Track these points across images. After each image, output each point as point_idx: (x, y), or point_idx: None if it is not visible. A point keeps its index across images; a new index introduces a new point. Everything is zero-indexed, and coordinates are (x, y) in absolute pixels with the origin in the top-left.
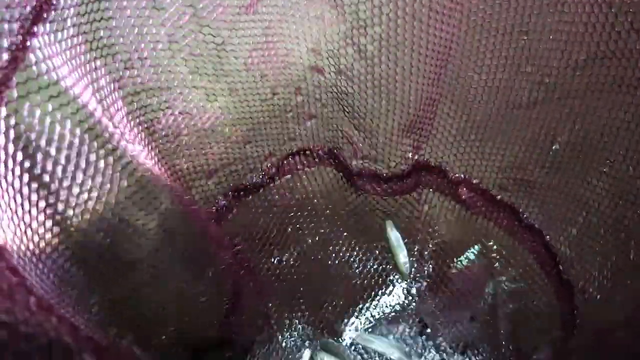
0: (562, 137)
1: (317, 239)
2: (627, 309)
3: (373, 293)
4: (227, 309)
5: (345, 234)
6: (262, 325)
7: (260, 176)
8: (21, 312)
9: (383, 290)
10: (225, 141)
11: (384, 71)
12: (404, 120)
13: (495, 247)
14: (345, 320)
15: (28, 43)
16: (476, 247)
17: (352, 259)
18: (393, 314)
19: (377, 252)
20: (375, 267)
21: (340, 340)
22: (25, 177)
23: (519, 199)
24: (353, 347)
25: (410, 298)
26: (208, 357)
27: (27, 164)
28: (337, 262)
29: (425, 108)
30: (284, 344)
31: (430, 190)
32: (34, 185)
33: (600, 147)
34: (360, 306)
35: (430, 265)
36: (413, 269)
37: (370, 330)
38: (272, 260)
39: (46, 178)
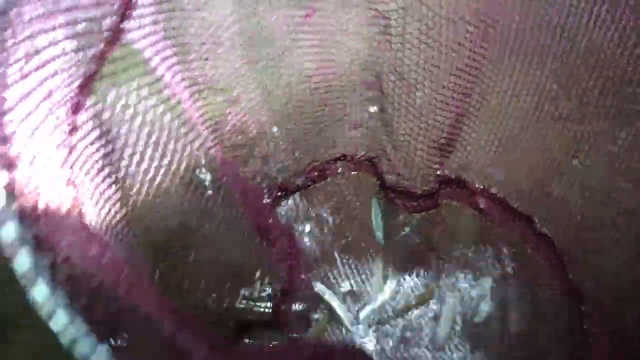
0: (582, 153)
1: (349, 239)
2: (637, 321)
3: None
4: (279, 292)
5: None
6: (309, 312)
7: (303, 179)
8: (121, 285)
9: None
10: (276, 146)
11: (426, 95)
12: (437, 139)
13: (508, 253)
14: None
15: (118, 36)
16: (490, 252)
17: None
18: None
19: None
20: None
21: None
22: (106, 160)
23: (535, 209)
24: None
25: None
26: (254, 334)
27: (109, 148)
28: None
29: (455, 124)
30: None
31: (450, 199)
32: (113, 168)
33: (618, 166)
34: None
35: (447, 269)
36: (430, 270)
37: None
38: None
39: (124, 163)
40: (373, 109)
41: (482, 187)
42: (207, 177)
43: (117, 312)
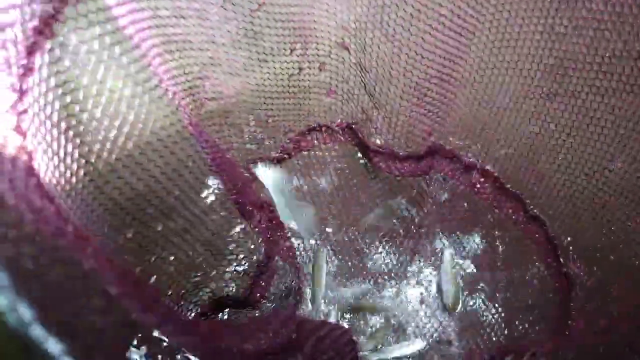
0: (578, 131)
1: (329, 212)
2: (624, 305)
3: (383, 268)
4: (257, 269)
5: (358, 210)
6: (289, 291)
7: (279, 150)
8: (60, 238)
9: (392, 267)
10: (248, 112)
11: (411, 55)
12: (423, 100)
13: (499, 235)
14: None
15: None
16: (478, 233)
17: (364, 235)
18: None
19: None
20: (385, 245)
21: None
22: (64, 112)
23: (527, 190)
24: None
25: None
26: (231, 311)
27: (67, 99)
28: (349, 237)
29: (446, 87)
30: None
31: (442, 174)
32: (72, 122)
33: (612, 145)
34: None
35: (435, 246)
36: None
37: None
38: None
39: (84, 115)
40: (351, 70)
41: (475, 162)
42: (181, 136)
43: (49, 264)
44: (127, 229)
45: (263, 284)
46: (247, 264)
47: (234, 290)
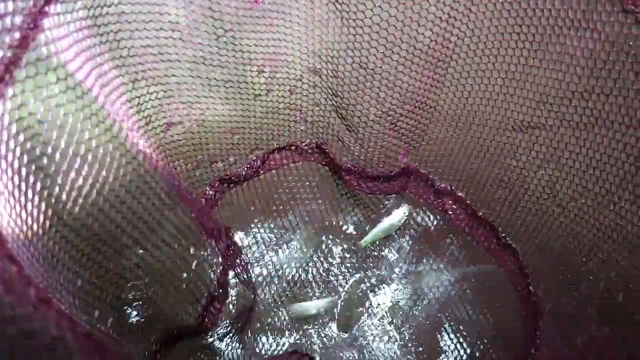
0: (549, 164)
1: (300, 232)
2: (589, 334)
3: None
4: (209, 298)
5: (327, 230)
6: (243, 315)
7: (245, 168)
8: (24, 306)
9: (357, 285)
10: (214, 132)
11: (383, 80)
12: (396, 125)
13: (470, 260)
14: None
15: (39, 22)
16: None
17: (330, 256)
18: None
19: (354, 249)
20: (351, 265)
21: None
22: (25, 159)
23: (500, 218)
24: None
25: (384, 302)
26: (184, 343)
27: (28, 146)
28: (316, 257)
29: (420, 113)
30: (263, 335)
31: (416, 196)
32: (33, 168)
33: (584, 178)
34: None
35: (406, 267)
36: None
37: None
38: (257, 254)
39: (45, 161)
40: (323, 95)
41: (449, 188)
42: (142, 179)
43: (13, 336)
44: (83, 270)
45: (214, 311)
46: (198, 293)
47: (185, 321)
